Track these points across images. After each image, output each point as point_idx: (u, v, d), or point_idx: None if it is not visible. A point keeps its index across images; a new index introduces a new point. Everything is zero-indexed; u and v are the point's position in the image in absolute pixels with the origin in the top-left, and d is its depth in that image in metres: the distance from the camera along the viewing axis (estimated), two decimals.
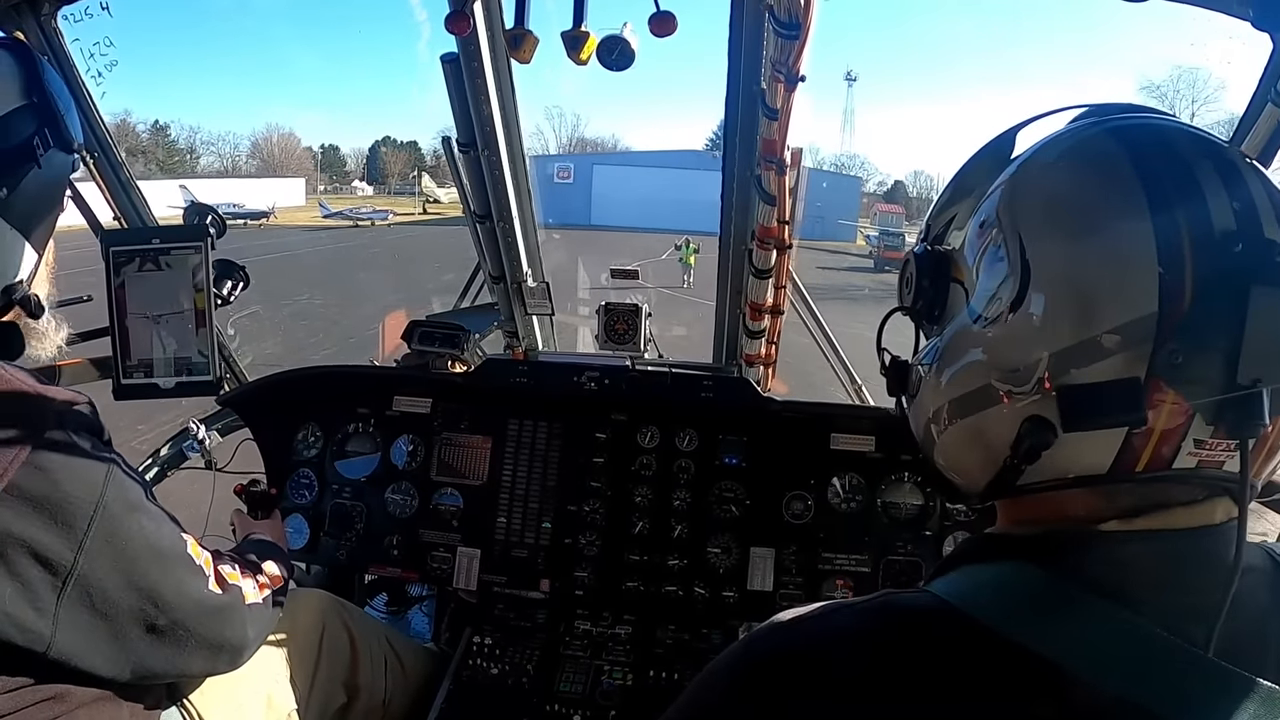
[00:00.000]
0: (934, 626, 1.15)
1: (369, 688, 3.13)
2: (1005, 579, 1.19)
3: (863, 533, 3.51)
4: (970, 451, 1.30)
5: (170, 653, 1.99)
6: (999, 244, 1.20)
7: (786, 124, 2.71)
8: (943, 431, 1.34)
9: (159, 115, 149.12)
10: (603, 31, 2.29)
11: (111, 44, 3.24)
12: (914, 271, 1.39)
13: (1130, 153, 1.14)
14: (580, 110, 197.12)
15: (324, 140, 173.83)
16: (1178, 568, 1.13)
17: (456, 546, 3.73)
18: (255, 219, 67.42)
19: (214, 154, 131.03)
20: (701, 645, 3.48)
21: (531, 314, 4.18)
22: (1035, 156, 1.26)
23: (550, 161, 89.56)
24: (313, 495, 3.91)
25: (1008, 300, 1.17)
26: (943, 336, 1.33)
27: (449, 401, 3.91)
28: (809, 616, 1.26)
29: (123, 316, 2.88)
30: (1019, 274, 1.16)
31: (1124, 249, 1.09)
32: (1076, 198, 1.16)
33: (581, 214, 70.26)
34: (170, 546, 1.99)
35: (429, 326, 4.03)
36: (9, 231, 1.97)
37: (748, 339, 3.85)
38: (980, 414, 1.24)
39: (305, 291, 27.29)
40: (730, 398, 3.68)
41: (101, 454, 1.87)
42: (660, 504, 3.67)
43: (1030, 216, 1.18)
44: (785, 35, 2.38)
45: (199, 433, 3.88)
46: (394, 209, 67.74)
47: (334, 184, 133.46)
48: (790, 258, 3.37)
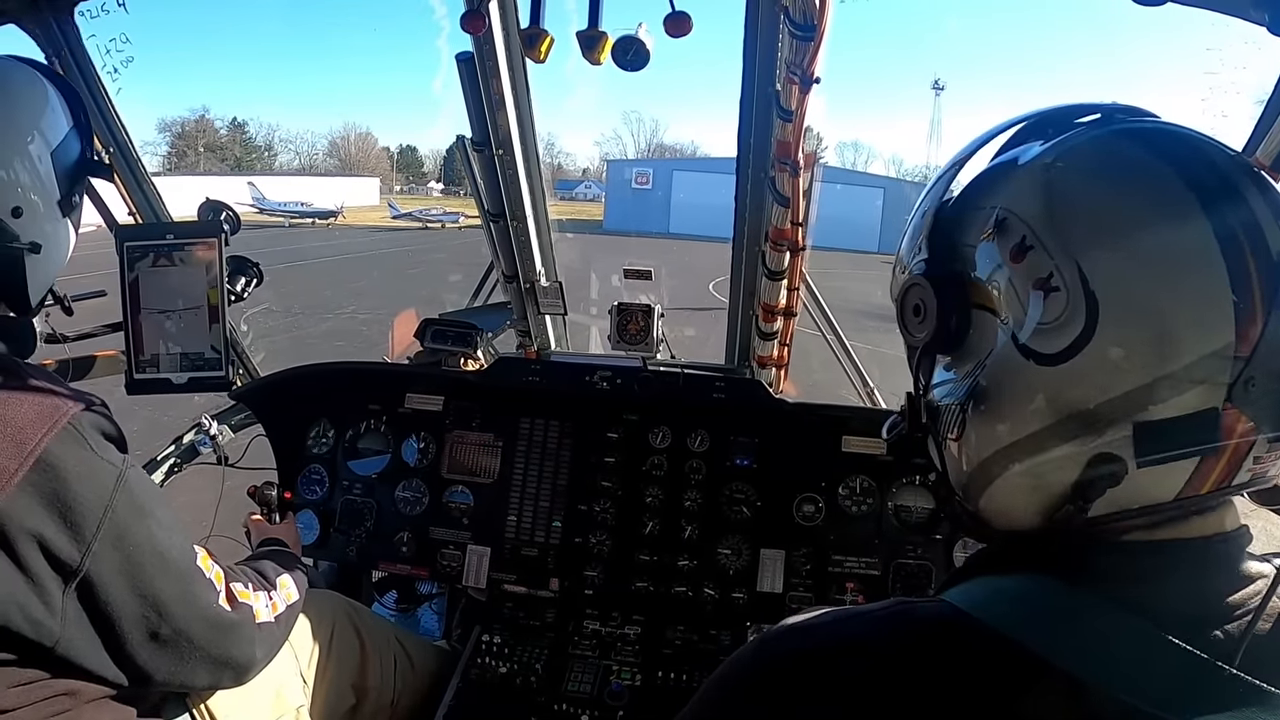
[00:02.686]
0: (950, 635, 1.14)
1: (377, 689, 3.15)
2: (1024, 589, 1.16)
3: (873, 536, 3.50)
4: (1027, 496, 1.20)
5: (172, 663, 2.00)
6: (1047, 270, 1.12)
7: (801, 126, 2.72)
8: (996, 478, 1.23)
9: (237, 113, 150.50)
10: (618, 32, 2.30)
11: (128, 40, 3.26)
12: (931, 300, 1.26)
13: (1175, 167, 1.11)
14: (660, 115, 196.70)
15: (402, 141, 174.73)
16: (1200, 578, 1.12)
17: (467, 544, 3.73)
18: (323, 218, 67.65)
19: (291, 152, 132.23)
20: (710, 646, 3.48)
21: (544, 313, 4.19)
22: (1065, 168, 1.18)
23: (628, 166, 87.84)
24: (324, 491, 3.92)
25: (1072, 335, 1.09)
26: (983, 372, 1.22)
27: (461, 400, 3.91)
28: (823, 622, 1.24)
29: (136, 312, 2.89)
30: (1083, 306, 1.08)
31: (1197, 278, 1.06)
32: (1134, 218, 1.09)
33: (660, 222, 68.29)
34: (179, 556, 2.01)
35: (441, 325, 4.03)
36: (71, 235, 2.23)
37: (760, 340, 3.84)
38: (1043, 455, 1.16)
39: (350, 303, 26.41)
40: (742, 399, 3.67)
41: (114, 458, 1.89)
42: (671, 504, 3.66)
43: (1085, 241, 1.10)
44: (800, 37, 2.38)
45: (211, 428, 3.89)
46: (466, 210, 67.38)
47: (410, 184, 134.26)
48: (803, 260, 3.36)
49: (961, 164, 1.35)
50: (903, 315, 1.33)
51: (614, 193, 78.98)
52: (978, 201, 1.26)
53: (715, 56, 2.10)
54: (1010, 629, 1.10)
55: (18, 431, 1.72)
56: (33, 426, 1.73)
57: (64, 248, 2.23)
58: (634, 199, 74.94)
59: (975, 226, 1.24)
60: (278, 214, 63.96)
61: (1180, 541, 1.14)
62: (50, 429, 1.75)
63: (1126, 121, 1.24)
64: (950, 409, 1.28)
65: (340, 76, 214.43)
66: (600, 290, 8.33)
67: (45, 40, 3.08)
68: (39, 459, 1.71)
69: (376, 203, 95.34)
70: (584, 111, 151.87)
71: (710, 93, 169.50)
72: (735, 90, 3.00)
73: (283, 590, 2.47)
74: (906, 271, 1.35)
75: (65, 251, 2.24)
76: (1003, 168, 1.27)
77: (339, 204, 71.22)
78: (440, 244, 49.48)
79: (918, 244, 1.34)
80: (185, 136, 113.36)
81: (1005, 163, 1.27)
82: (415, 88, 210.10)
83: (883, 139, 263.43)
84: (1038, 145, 1.24)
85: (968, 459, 1.27)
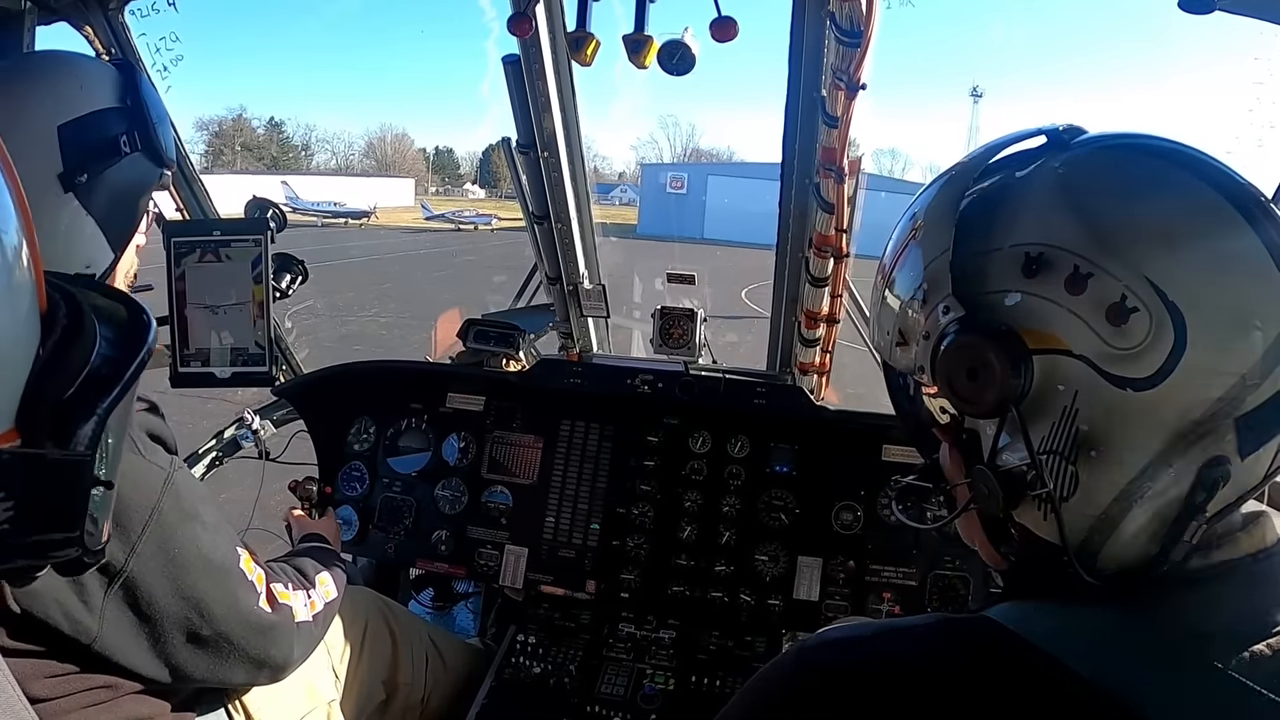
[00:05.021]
0: (996, 655, 1.12)
1: (408, 685, 3.18)
2: (1074, 611, 1.14)
3: (911, 546, 3.47)
4: (1147, 528, 1.12)
5: (211, 662, 2.03)
6: (1117, 293, 1.07)
7: (846, 132, 2.70)
8: (1120, 522, 1.13)
9: (275, 112, 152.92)
10: (664, 36, 2.29)
11: (177, 39, 3.31)
12: (992, 358, 1.15)
13: (1189, 171, 1.13)
14: (696, 120, 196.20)
15: (439, 142, 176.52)
16: (1249, 597, 1.11)
17: (504, 544, 3.74)
18: (356, 218, 68.60)
19: (328, 151, 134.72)
20: (745, 653, 3.46)
21: (587, 316, 4.19)
22: (1088, 189, 1.15)
23: (663, 171, 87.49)
24: (363, 488, 3.94)
25: (1164, 351, 1.05)
26: (1077, 417, 1.12)
27: (502, 400, 3.92)
28: (864, 635, 1.22)
29: (182, 306, 2.92)
30: (1168, 320, 1.05)
31: (1251, 263, 1.07)
32: (1181, 223, 1.09)
33: (694, 227, 68.66)
34: (223, 559, 2.03)
35: (484, 325, 4.06)
36: (86, 218, 2.01)
37: (802, 347, 3.82)
38: (1160, 482, 1.10)
39: (373, 305, 26.51)
40: (783, 405, 3.66)
41: (161, 460, 1.91)
42: (709, 509, 3.65)
43: (1147, 255, 1.07)
44: (847, 43, 2.36)
45: (253, 422, 3.94)
46: (500, 213, 67.58)
47: (445, 186, 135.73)
48: (847, 267, 3.34)
49: (915, 218, 1.32)
50: (952, 383, 1.21)
51: (648, 197, 78.70)
52: (987, 244, 1.20)
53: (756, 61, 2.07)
54: (1059, 651, 1.08)
55: None
56: None
57: (64, 226, 2.00)
58: (668, 203, 74.72)
59: (999, 270, 1.18)
60: (311, 213, 64.78)
61: (1234, 562, 1.12)
62: None
63: (1095, 138, 1.23)
64: (1052, 466, 1.15)
65: (380, 77, 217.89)
66: (643, 294, 8.31)
67: (97, 38, 3.13)
68: None
69: (410, 204, 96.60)
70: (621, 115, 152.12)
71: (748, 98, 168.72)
72: (776, 95, 2.99)
73: (321, 588, 2.49)
74: (932, 335, 1.25)
75: (69, 232, 2.02)
76: (995, 204, 1.22)
77: (372, 204, 72.17)
78: (473, 245, 50.07)
79: (936, 303, 1.24)
80: (222, 135, 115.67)
81: (993, 199, 1.23)
82: (453, 89, 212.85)
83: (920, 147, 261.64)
84: (1015, 175, 1.23)
85: (1086, 513, 1.15)
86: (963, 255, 1.21)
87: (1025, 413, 1.15)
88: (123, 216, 2.13)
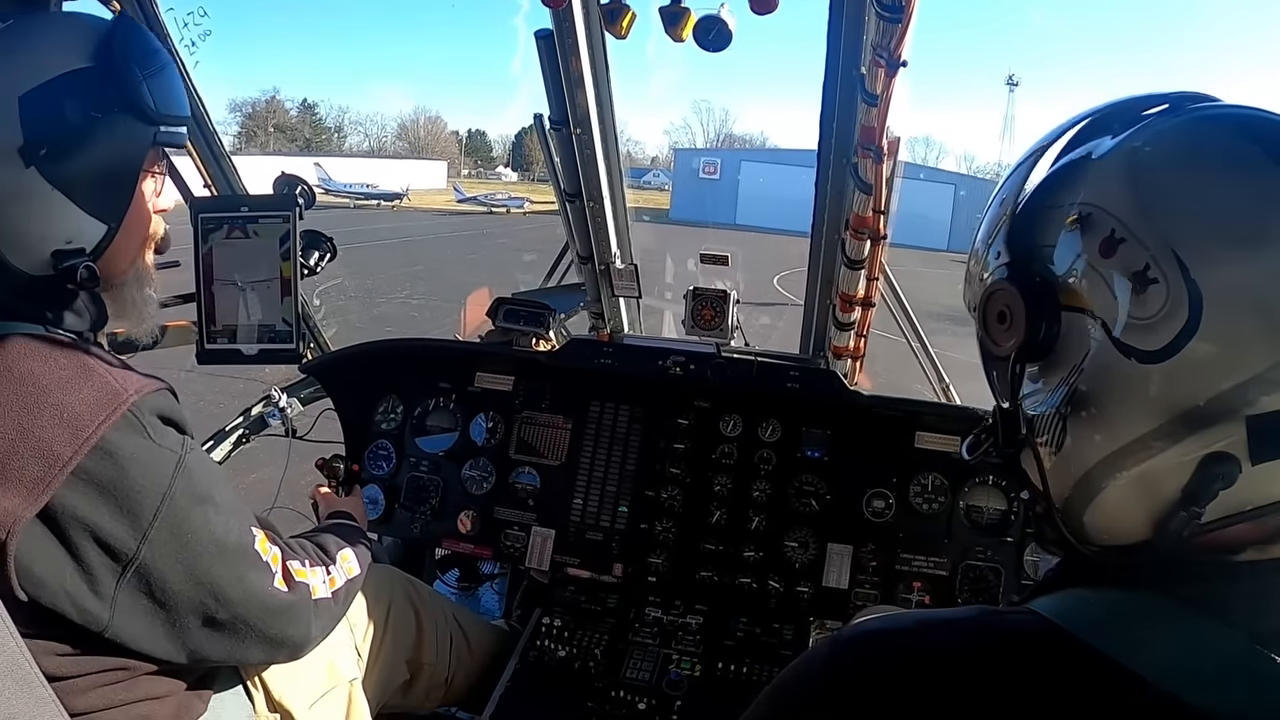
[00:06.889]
0: (1043, 650, 1.07)
1: (432, 665, 3.17)
2: (1122, 604, 1.10)
3: (943, 535, 3.43)
4: (1135, 505, 1.12)
5: (228, 644, 2.00)
6: (1142, 261, 1.05)
7: (886, 110, 2.63)
8: (1102, 489, 1.14)
9: (309, 94, 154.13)
10: (701, 10, 2.24)
11: (205, 14, 3.30)
12: (1018, 306, 1.18)
13: (1264, 148, 1.05)
14: (730, 105, 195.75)
15: (471, 125, 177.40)
16: None
17: (531, 526, 3.73)
18: (388, 200, 69.12)
19: (361, 134, 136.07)
20: (773, 640, 3.42)
21: (619, 296, 4.16)
22: (1150, 157, 1.13)
23: (695, 156, 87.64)
24: (390, 467, 3.94)
25: (1175, 328, 1.02)
26: (1080, 377, 1.14)
27: (531, 380, 3.90)
28: (902, 627, 1.17)
29: (209, 282, 2.91)
30: (1185, 297, 1.01)
31: None
32: (1229, 203, 1.04)
33: (726, 212, 68.52)
34: (237, 541, 1.99)
35: (514, 304, 4.02)
36: (50, 192, 1.85)
37: (837, 331, 3.76)
38: (1151, 461, 1.08)
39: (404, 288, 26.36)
40: (816, 390, 3.60)
41: (173, 443, 1.87)
42: (739, 494, 3.62)
43: (1181, 230, 1.04)
44: (888, 19, 2.30)
45: (280, 400, 3.93)
46: (532, 196, 67.92)
47: (478, 168, 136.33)
48: (883, 249, 3.27)
49: (1031, 162, 1.29)
50: (985, 323, 1.26)
51: (681, 182, 78.94)
52: (1054, 200, 1.20)
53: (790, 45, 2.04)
54: (1108, 646, 1.03)
55: (75, 419, 1.70)
56: (90, 414, 1.72)
57: (32, 202, 1.85)
58: (701, 189, 74.79)
59: (1054, 225, 1.18)
60: (342, 195, 65.37)
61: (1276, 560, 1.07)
62: (109, 416, 1.74)
63: (1203, 107, 1.17)
64: (1048, 419, 1.20)
65: (413, 58, 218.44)
66: (675, 275, 8.28)
67: (122, 10, 3.09)
68: (95, 447, 1.71)
69: (443, 186, 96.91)
70: (655, 99, 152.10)
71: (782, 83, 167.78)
72: (811, 80, 2.93)
73: (342, 564, 2.45)
74: (985, 278, 1.29)
75: (40, 209, 1.87)
76: (1077, 163, 1.20)
77: (404, 187, 72.58)
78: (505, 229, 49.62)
79: (994, 248, 1.28)
80: (255, 117, 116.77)
81: (1079, 158, 1.21)
82: (486, 71, 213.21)
83: (954, 135, 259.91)
84: (1109, 139, 1.18)
85: (1070, 472, 1.18)
86: (1030, 207, 1.24)
87: (1045, 366, 1.20)
88: (108, 184, 1.96)
